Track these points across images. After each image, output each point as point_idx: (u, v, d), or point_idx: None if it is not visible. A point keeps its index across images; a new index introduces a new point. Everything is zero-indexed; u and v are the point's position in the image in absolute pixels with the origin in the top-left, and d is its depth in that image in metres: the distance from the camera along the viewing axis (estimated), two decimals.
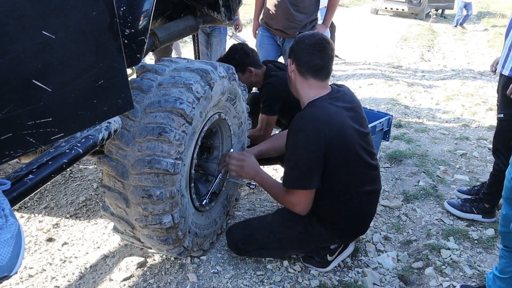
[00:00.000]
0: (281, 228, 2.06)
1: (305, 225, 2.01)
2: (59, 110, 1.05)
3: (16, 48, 0.92)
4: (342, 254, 2.23)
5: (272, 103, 2.68)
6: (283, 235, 2.05)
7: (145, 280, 2.06)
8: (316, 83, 1.93)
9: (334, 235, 2.04)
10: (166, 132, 1.65)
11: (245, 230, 2.13)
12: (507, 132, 2.43)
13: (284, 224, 2.07)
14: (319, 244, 2.08)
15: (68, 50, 1.03)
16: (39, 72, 0.98)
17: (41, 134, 1.02)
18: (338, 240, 2.10)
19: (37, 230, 2.47)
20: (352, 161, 1.88)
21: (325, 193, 1.92)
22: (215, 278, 2.07)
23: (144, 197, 1.70)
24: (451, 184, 3.09)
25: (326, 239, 2.06)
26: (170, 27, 2.32)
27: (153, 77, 1.81)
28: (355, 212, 1.98)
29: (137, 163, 1.68)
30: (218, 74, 1.93)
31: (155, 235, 1.83)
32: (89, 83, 1.10)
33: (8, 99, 0.94)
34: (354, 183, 1.92)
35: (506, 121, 2.42)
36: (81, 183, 3.00)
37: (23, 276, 2.10)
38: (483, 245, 2.39)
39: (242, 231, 2.14)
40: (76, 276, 2.12)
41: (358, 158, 1.89)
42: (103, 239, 2.40)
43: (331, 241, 2.08)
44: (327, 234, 2.02)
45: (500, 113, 2.46)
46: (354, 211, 1.98)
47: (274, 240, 2.07)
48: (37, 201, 2.78)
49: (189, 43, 7.87)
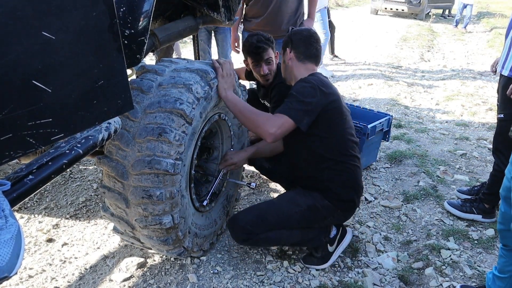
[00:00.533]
0: (290, 206, 2.08)
1: (312, 200, 2.09)
2: (59, 111, 1.05)
3: (16, 49, 0.92)
4: (341, 244, 2.28)
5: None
6: (292, 212, 2.07)
7: (145, 280, 2.06)
8: (312, 66, 2.22)
9: (337, 206, 2.13)
10: (166, 132, 1.65)
11: (253, 213, 2.09)
12: (507, 132, 2.43)
13: (291, 201, 2.11)
14: (325, 219, 2.17)
15: (68, 51, 1.03)
16: (39, 72, 0.98)
17: (41, 134, 1.02)
18: (341, 212, 2.18)
19: (37, 230, 2.47)
20: (344, 127, 2.12)
21: (322, 159, 2.09)
22: (215, 278, 2.07)
23: (144, 198, 1.70)
24: (451, 184, 3.09)
25: (331, 212, 2.13)
26: (170, 28, 2.32)
27: (153, 77, 1.81)
28: (350, 177, 2.13)
29: (137, 163, 1.68)
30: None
31: (155, 235, 1.83)
32: (89, 84, 1.10)
33: (8, 99, 0.94)
34: (345, 147, 2.12)
35: (507, 121, 2.42)
36: (81, 183, 3.00)
37: (23, 276, 2.10)
38: (483, 245, 2.39)
39: (251, 214, 2.09)
40: (76, 276, 2.12)
41: (348, 127, 2.15)
42: (103, 240, 2.40)
43: (334, 215, 2.16)
44: (331, 206, 2.10)
45: (500, 113, 2.46)
46: (349, 176, 2.13)
47: (284, 219, 2.06)
48: (37, 201, 2.78)
49: (189, 43, 7.88)
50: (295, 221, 2.08)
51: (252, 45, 2.54)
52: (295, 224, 2.09)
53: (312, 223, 2.15)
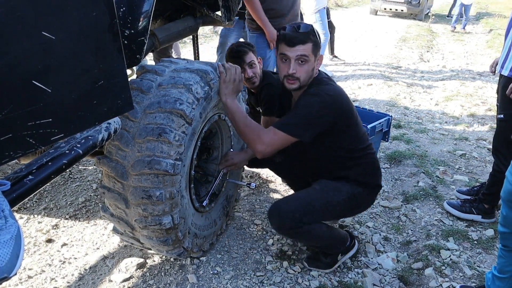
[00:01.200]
0: (335, 193, 2.06)
1: (350, 188, 2.09)
2: (59, 111, 1.05)
3: (16, 49, 0.92)
4: (348, 253, 2.28)
5: (274, 103, 2.67)
6: (337, 200, 2.05)
7: (145, 281, 2.06)
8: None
9: (369, 194, 2.18)
10: (166, 132, 1.65)
11: (299, 201, 2.01)
12: (507, 132, 2.43)
13: (335, 189, 2.08)
14: (359, 208, 2.23)
15: (68, 51, 1.03)
16: (39, 72, 0.98)
17: (41, 134, 1.02)
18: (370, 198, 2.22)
19: (36, 231, 2.46)
20: (357, 122, 2.11)
21: (346, 154, 2.10)
22: (215, 279, 2.07)
23: (144, 198, 1.70)
24: (451, 184, 3.09)
25: (365, 199, 2.18)
26: (169, 28, 2.32)
27: (152, 77, 1.81)
28: (373, 164, 2.18)
29: (136, 163, 1.67)
30: (218, 75, 1.93)
31: (155, 236, 1.83)
32: (89, 84, 1.10)
33: (8, 99, 0.94)
34: (362, 140, 2.13)
35: (506, 121, 2.42)
36: (80, 184, 3.00)
37: (22, 277, 2.10)
38: (483, 246, 2.39)
39: (296, 201, 2.02)
40: (76, 277, 2.12)
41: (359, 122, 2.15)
42: (103, 240, 2.39)
43: (367, 202, 2.22)
44: (365, 193, 2.14)
45: (500, 114, 2.46)
46: (372, 163, 2.18)
47: (330, 207, 2.04)
48: (36, 202, 2.78)
49: (188, 44, 7.87)
50: (340, 209, 2.07)
51: (233, 50, 2.63)
52: (339, 212, 2.11)
53: (351, 212, 2.21)
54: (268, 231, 2.48)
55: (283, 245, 2.37)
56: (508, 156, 2.45)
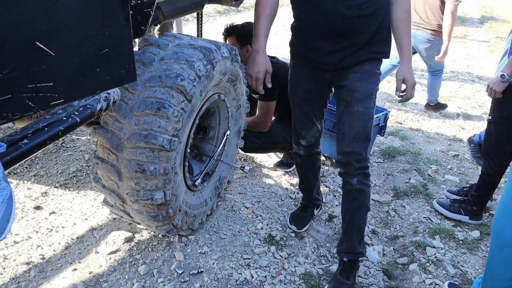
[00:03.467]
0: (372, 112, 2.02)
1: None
2: (61, 76, 1.02)
3: (21, 7, 0.89)
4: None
5: (271, 88, 2.65)
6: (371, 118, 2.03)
7: (131, 255, 2.06)
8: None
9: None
10: (165, 107, 1.63)
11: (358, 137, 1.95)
12: (495, 134, 2.43)
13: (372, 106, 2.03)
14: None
15: (75, 15, 1.00)
16: (43, 34, 0.95)
17: (40, 98, 1.00)
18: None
19: (25, 197, 2.44)
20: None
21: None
22: (202, 258, 2.08)
23: (138, 172, 1.69)
24: (441, 184, 3.11)
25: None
26: (175, 2, 2.28)
27: (155, 51, 1.78)
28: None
29: (133, 136, 1.65)
30: (221, 54, 1.90)
31: (146, 210, 1.82)
32: (94, 51, 1.07)
33: (9, 59, 0.91)
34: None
35: (494, 123, 2.42)
36: (73, 153, 2.97)
37: (9, 242, 2.09)
38: (468, 246, 2.42)
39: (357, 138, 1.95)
40: (62, 246, 2.11)
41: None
42: (92, 211, 2.38)
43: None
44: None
45: (489, 115, 2.46)
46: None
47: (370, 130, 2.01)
48: (27, 168, 2.75)
49: (191, 21, 7.76)
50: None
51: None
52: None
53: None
54: (258, 215, 2.49)
55: (272, 229, 2.38)
56: (496, 160, 2.46)
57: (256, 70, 1.93)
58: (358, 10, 1.81)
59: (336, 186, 2.95)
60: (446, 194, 2.93)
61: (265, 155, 3.24)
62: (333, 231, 2.51)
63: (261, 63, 1.93)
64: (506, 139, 2.40)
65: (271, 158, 3.23)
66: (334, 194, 2.87)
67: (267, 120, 2.75)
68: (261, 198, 2.67)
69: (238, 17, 9.02)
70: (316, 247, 2.34)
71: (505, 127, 2.38)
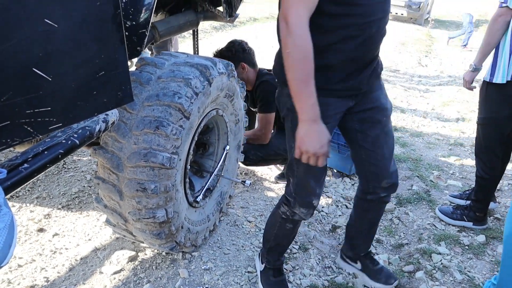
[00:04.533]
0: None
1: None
2: (58, 100, 1.04)
3: (18, 35, 0.91)
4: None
5: (270, 99, 2.67)
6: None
7: (136, 274, 2.05)
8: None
9: None
10: (163, 126, 1.64)
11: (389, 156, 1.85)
12: (483, 136, 2.43)
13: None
14: None
15: (70, 40, 1.02)
16: (40, 60, 0.97)
17: (39, 123, 1.01)
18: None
19: (28, 220, 2.45)
20: None
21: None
22: (206, 274, 2.07)
23: (139, 191, 1.69)
24: (444, 189, 3.10)
25: None
26: (170, 21, 2.31)
27: (152, 70, 1.80)
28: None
29: (132, 156, 1.66)
30: (218, 70, 1.92)
31: (148, 229, 1.82)
32: (90, 74, 1.09)
33: (7, 86, 0.93)
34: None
35: (482, 125, 2.42)
36: (74, 174, 2.98)
37: (12, 266, 2.08)
38: (474, 251, 2.40)
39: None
40: (66, 267, 2.11)
41: None
42: (95, 232, 2.38)
43: None
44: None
45: (477, 118, 2.47)
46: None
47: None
48: (29, 190, 2.76)
49: (188, 38, 7.83)
50: None
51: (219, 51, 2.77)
52: None
53: None
54: (261, 229, 2.48)
55: None
56: (487, 162, 2.45)
57: (320, 145, 1.43)
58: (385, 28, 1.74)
59: (338, 196, 2.94)
60: (449, 199, 2.92)
61: (265, 168, 3.24)
62: (337, 241, 2.49)
63: (323, 133, 1.44)
64: (494, 141, 2.39)
65: (272, 171, 3.23)
66: (336, 204, 2.86)
67: (267, 132, 2.76)
68: (264, 212, 2.67)
69: (234, 32, 9.11)
70: (320, 259, 2.33)
71: (493, 128, 2.37)
